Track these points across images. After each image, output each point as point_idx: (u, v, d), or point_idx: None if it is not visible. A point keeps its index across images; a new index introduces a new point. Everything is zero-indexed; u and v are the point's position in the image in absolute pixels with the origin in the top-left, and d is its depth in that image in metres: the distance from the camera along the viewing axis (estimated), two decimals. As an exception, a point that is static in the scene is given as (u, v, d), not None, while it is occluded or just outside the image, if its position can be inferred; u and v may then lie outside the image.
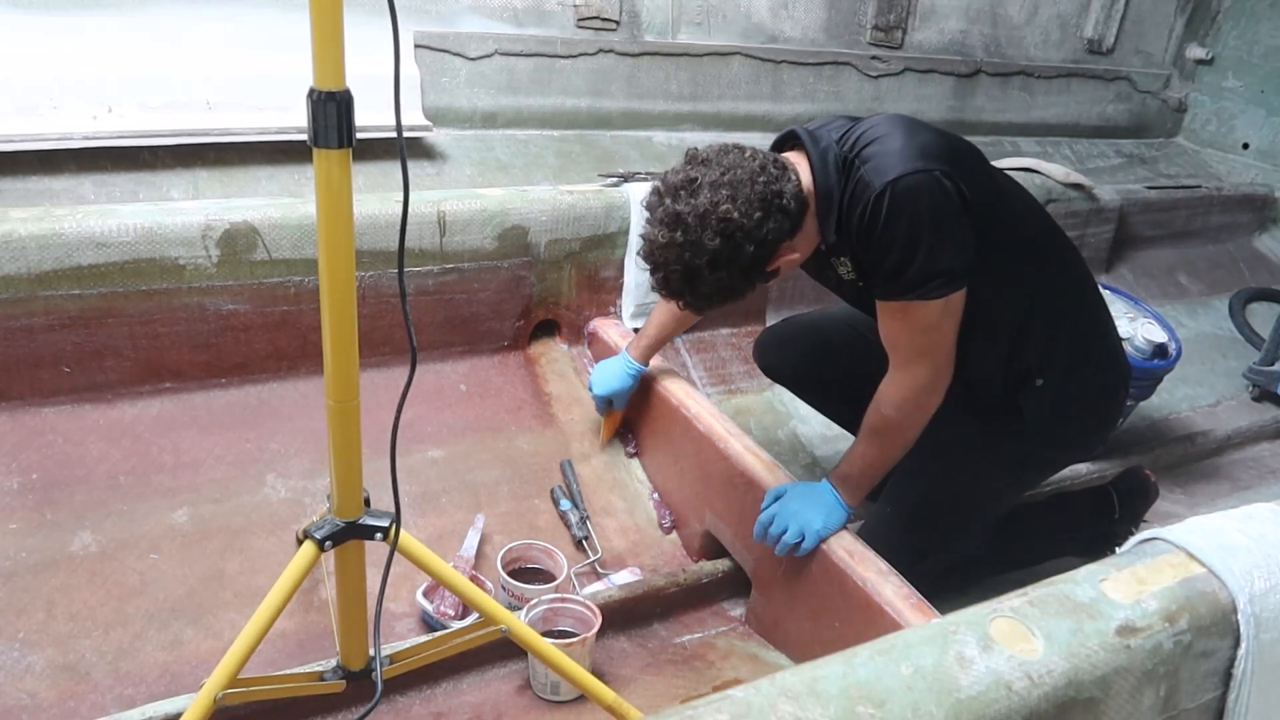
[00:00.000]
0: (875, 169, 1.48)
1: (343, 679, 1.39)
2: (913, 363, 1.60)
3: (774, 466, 1.85)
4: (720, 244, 1.43)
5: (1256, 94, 4.24)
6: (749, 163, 1.46)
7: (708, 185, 1.44)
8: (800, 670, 1.01)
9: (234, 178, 2.31)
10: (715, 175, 1.44)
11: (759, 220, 1.44)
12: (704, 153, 1.50)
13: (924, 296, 1.51)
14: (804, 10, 3.28)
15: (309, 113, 1.00)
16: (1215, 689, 1.20)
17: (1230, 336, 3.56)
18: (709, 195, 1.43)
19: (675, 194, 1.45)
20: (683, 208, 1.43)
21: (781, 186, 1.47)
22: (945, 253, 1.49)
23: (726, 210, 1.42)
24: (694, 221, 1.42)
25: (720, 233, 1.42)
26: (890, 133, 1.51)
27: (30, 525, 1.72)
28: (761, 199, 1.44)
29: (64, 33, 2.16)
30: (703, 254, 1.43)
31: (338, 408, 1.17)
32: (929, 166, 1.47)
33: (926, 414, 1.65)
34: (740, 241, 1.44)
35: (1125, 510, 2.21)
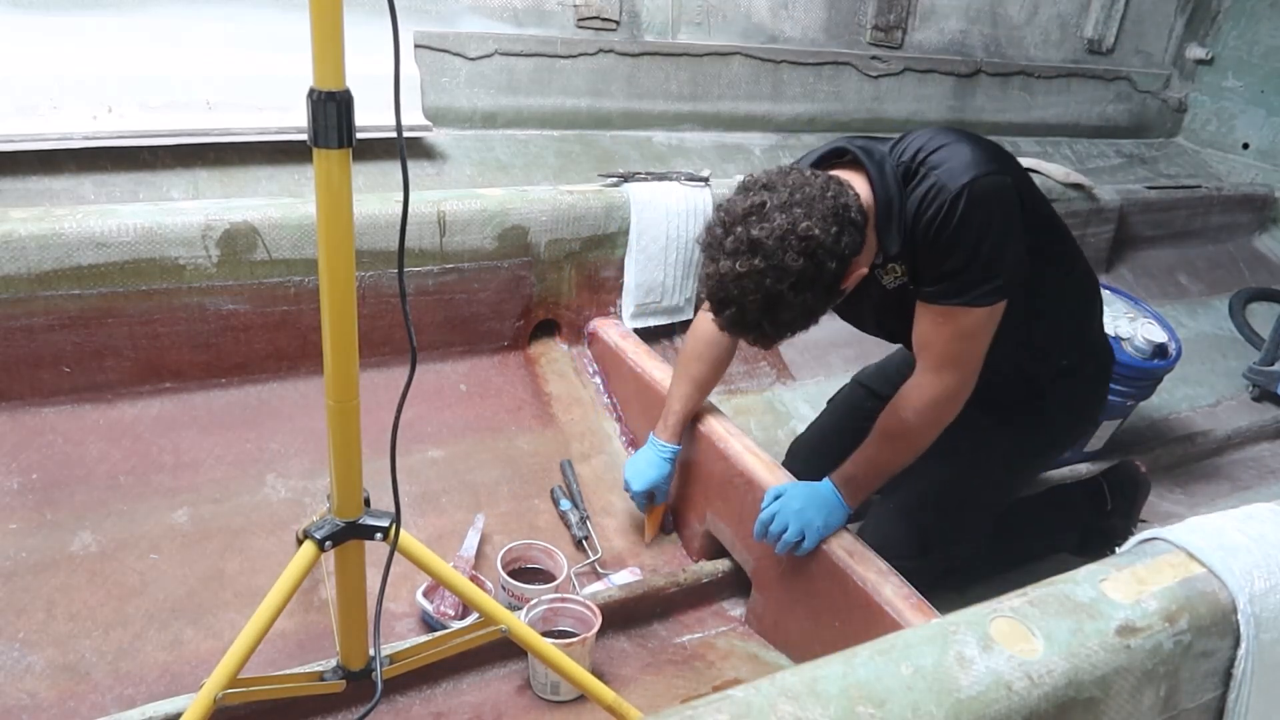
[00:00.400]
0: (949, 171, 1.48)
1: (343, 679, 1.39)
2: (943, 369, 1.60)
3: (774, 466, 1.85)
4: (804, 264, 1.38)
5: (1256, 94, 4.24)
6: (813, 181, 1.43)
7: (778, 207, 1.39)
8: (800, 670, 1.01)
9: (234, 178, 2.31)
10: (784, 196, 1.40)
11: (836, 235, 1.40)
12: (763, 178, 1.45)
13: (973, 303, 1.52)
14: (804, 10, 3.28)
15: (309, 113, 1.00)
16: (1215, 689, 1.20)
17: (1230, 336, 3.56)
18: (784, 216, 1.37)
19: (745, 220, 1.39)
20: (758, 232, 1.37)
21: (848, 199, 1.44)
22: (1005, 261, 1.50)
23: (807, 228, 1.37)
24: (774, 244, 1.36)
25: (803, 252, 1.37)
26: (954, 140, 1.52)
27: (30, 525, 1.72)
28: (835, 213, 1.41)
29: (64, 33, 2.16)
30: (787, 277, 1.38)
31: (338, 408, 1.17)
32: (1001, 171, 1.49)
33: (943, 423, 1.65)
34: (823, 259, 1.39)
35: (1117, 502, 2.24)
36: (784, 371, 2.68)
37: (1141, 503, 2.29)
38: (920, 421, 1.63)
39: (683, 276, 2.53)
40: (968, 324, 1.55)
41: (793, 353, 2.73)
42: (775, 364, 2.69)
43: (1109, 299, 2.60)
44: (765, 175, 1.46)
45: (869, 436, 1.70)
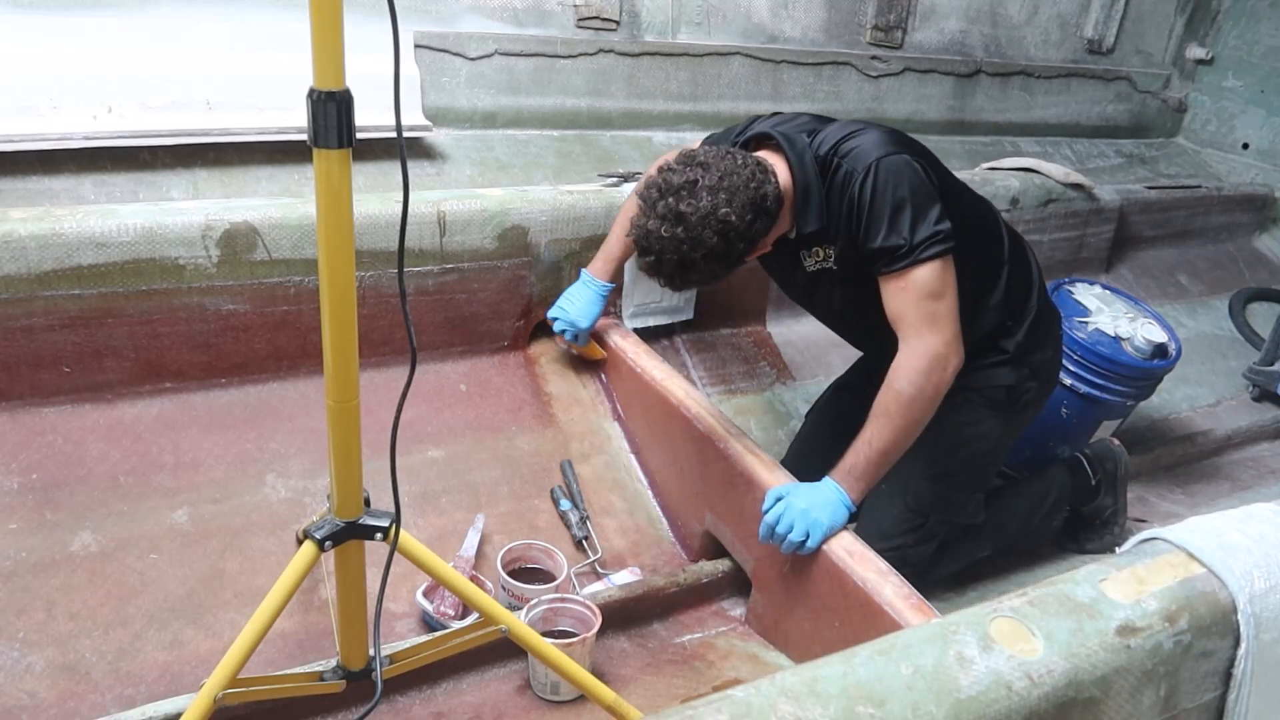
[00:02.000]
0: (856, 158, 1.69)
1: (343, 679, 1.38)
2: (922, 332, 1.67)
3: (774, 466, 1.85)
4: (717, 241, 1.60)
5: (1256, 94, 4.24)
6: (741, 169, 1.63)
7: (707, 189, 1.59)
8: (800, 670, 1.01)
9: (234, 178, 2.31)
10: (714, 179, 1.60)
11: (750, 222, 1.62)
12: (701, 155, 1.65)
13: (920, 260, 1.65)
14: (804, 10, 3.28)
15: (309, 113, 1.00)
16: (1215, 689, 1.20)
17: (1230, 336, 3.56)
18: (709, 199, 1.59)
19: (677, 193, 1.60)
20: (685, 207, 1.58)
21: (767, 190, 1.65)
22: (929, 218, 1.66)
23: (726, 213, 1.58)
24: (696, 220, 1.58)
25: (718, 232, 1.59)
26: (861, 130, 1.73)
27: (30, 525, 1.72)
28: (753, 202, 1.62)
29: (64, 33, 2.16)
30: (700, 248, 1.60)
31: (338, 408, 1.17)
32: (901, 151, 1.70)
33: (940, 389, 1.69)
34: (734, 240, 1.62)
35: (1098, 474, 2.30)
36: (784, 371, 2.69)
37: (1125, 475, 2.33)
38: (915, 389, 1.67)
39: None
40: (925, 282, 1.66)
41: (792, 352, 2.73)
42: (775, 364, 2.70)
43: (1109, 299, 2.60)
44: (704, 152, 1.66)
45: (866, 422, 1.72)
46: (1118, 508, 2.31)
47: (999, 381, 1.90)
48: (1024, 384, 1.93)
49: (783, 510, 1.69)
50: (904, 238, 1.64)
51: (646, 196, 1.64)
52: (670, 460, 2.12)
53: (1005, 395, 1.91)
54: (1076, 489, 2.29)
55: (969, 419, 1.91)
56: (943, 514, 1.95)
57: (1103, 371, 2.43)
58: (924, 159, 1.74)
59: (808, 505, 1.67)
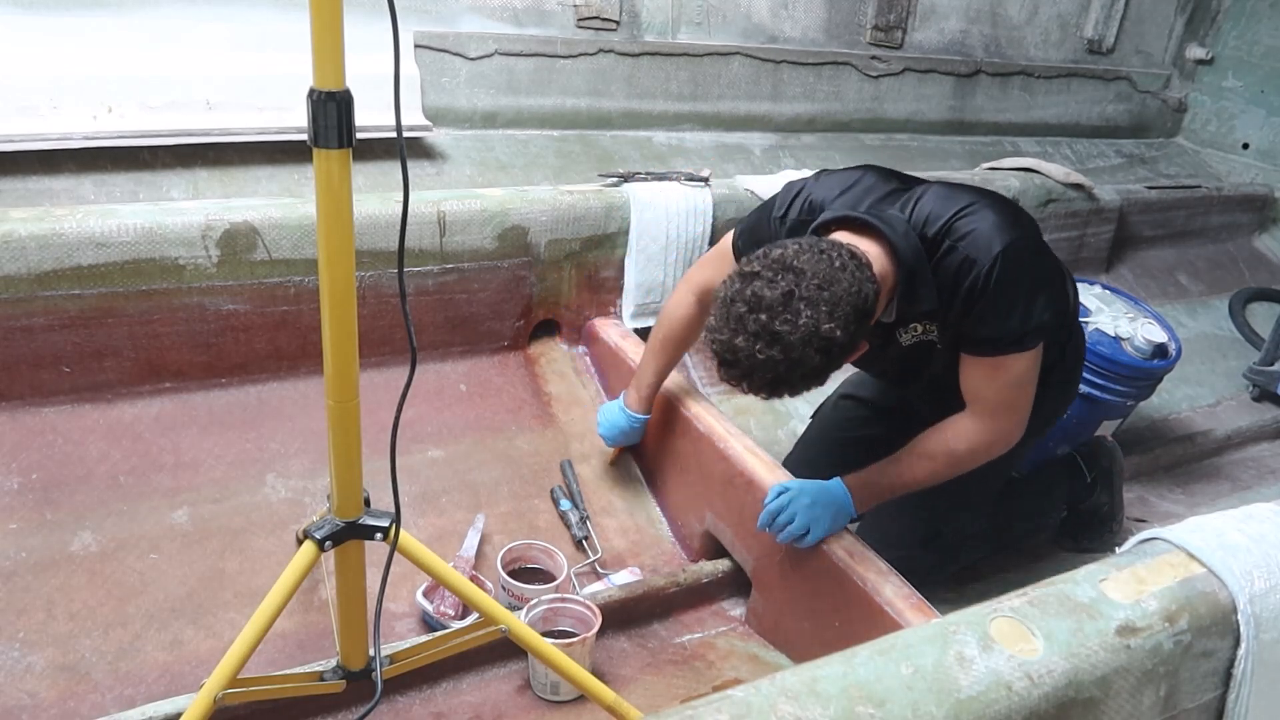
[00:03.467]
0: (975, 244, 1.55)
1: (343, 679, 1.38)
2: (998, 414, 1.67)
3: (774, 466, 1.85)
4: (819, 360, 1.42)
5: (1256, 94, 4.24)
6: (841, 272, 1.42)
7: (806, 301, 1.39)
8: (800, 670, 1.01)
9: (234, 178, 2.31)
10: (812, 289, 1.39)
11: (853, 334, 1.43)
12: (792, 258, 1.43)
13: (1020, 349, 1.61)
14: (804, 10, 3.28)
15: (309, 113, 1.00)
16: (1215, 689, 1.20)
17: (1230, 336, 3.56)
18: (810, 315, 1.38)
19: (771, 309, 1.39)
20: (782, 326, 1.38)
21: (868, 291, 1.45)
22: (1039, 307, 1.59)
23: (829, 329, 1.39)
24: (797, 341, 1.39)
25: (821, 349, 1.40)
26: (973, 206, 1.58)
27: (30, 525, 1.72)
28: (856, 310, 1.42)
29: (64, 33, 2.16)
30: (800, 368, 1.42)
31: (338, 408, 1.17)
32: (1019, 234, 1.58)
33: (988, 460, 1.71)
34: (835, 355, 1.44)
35: (1093, 471, 2.30)
36: (784, 371, 2.68)
37: (1119, 471, 2.33)
38: (970, 457, 1.68)
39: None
40: (1017, 371, 1.63)
41: (793, 353, 2.72)
42: (775, 364, 2.69)
43: (1109, 299, 2.60)
44: (796, 255, 1.43)
45: (903, 452, 1.71)
46: (1114, 504, 2.31)
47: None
48: (1054, 407, 1.94)
49: (786, 502, 1.69)
50: (1013, 329, 1.58)
51: (729, 311, 1.42)
52: (670, 460, 2.12)
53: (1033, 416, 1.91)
54: (1072, 487, 2.29)
55: None
56: (954, 525, 1.95)
57: (1103, 371, 2.42)
58: (1034, 231, 1.66)
59: (813, 501, 1.68)
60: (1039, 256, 1.63)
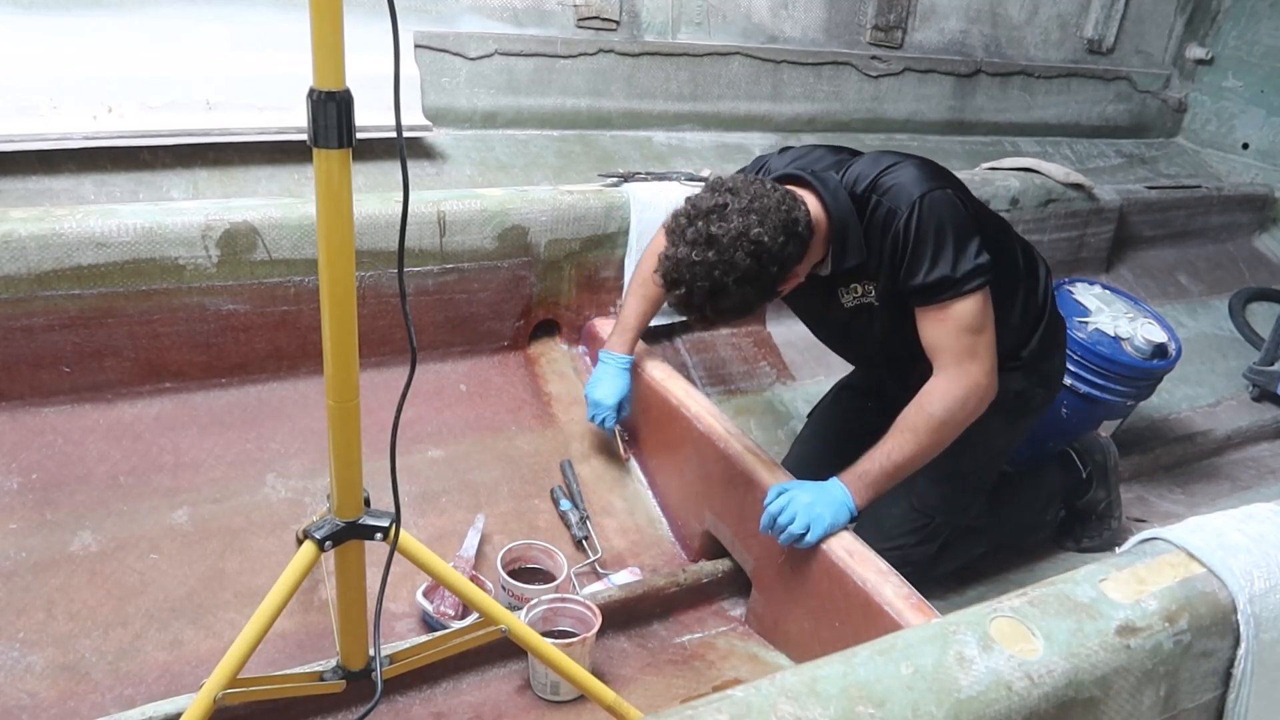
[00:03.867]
0: (896, 195, 1.67)
1: (343, 679, 1.39)
2: (963, 362, 1.69)
3: (774, 466, 1.85)
4: (750, 263, 1.54)
5: (1256, 94, 4.24)
6: (771, 193, 1.59)
7: (738, 211, 1.55)
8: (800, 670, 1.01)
9: (234, 178, 2.31)
10: (744, 202, 1.56)
11: (783, 244, 1.57)
12: (729, 181, 1.62)
13: (962, 293, 1.66)
14: (804, 10, 3.28)
15: (309, 113, 1.00)
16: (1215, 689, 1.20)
17: (1230, 336, 3.56)
18: (740, 220, 1.54)
19: (707, 216, 1.56)
20: (716, 229, 1.54)
21: (798, 214, 1.61)
22: (970, 251, 1.66)
23: (758, 234, 1.54)
24: (728, 242, 1.53)
25: (751, 254, 1.54)
26: (897, 164, 1.72)
27: (30, 525, 1.72)
28: (784, 225, 1.57)
29: (64, 33, 2.16)
30: (733, 271, 1.54)
31: (338, 408, 1.17)
32: (941, 185, 1.69)
33: (970, 418, 1.72)
34: (767, 263, 1.56)
35: (1088, 466, 2.32)
36: (784, 371, 2.68)
37: (1114, 466, 2.34)
38: (948, 415, 1.69)
39: None
40: (965, 315, 1.67)
41: (793, 353, 2.73)
42: (775, 364, 2.69)
43: (1109, 299, 2.60)
44: (732, 180, 1.63)
45: (888, 435, 1.73)
46: (1111, 500, 2.31)
47: (1009, 387, 1.89)
48: (1032, 390, 1.94)
49: (786, 502, 1.70)
50: (946, 272, 1.64)
51: (674, 226, 1.60)
52: (670, 460, 2.12)
53: (1014, 401, 1.91)
54: (1068, 483, 2.30)
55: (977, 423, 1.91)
56: (947, 516, 1.95)
57: (1103, 371, 2.43)
58: (959, 189, 1.74)
59: (812, 500, 1.68)
60: (959, 205, 1.69)
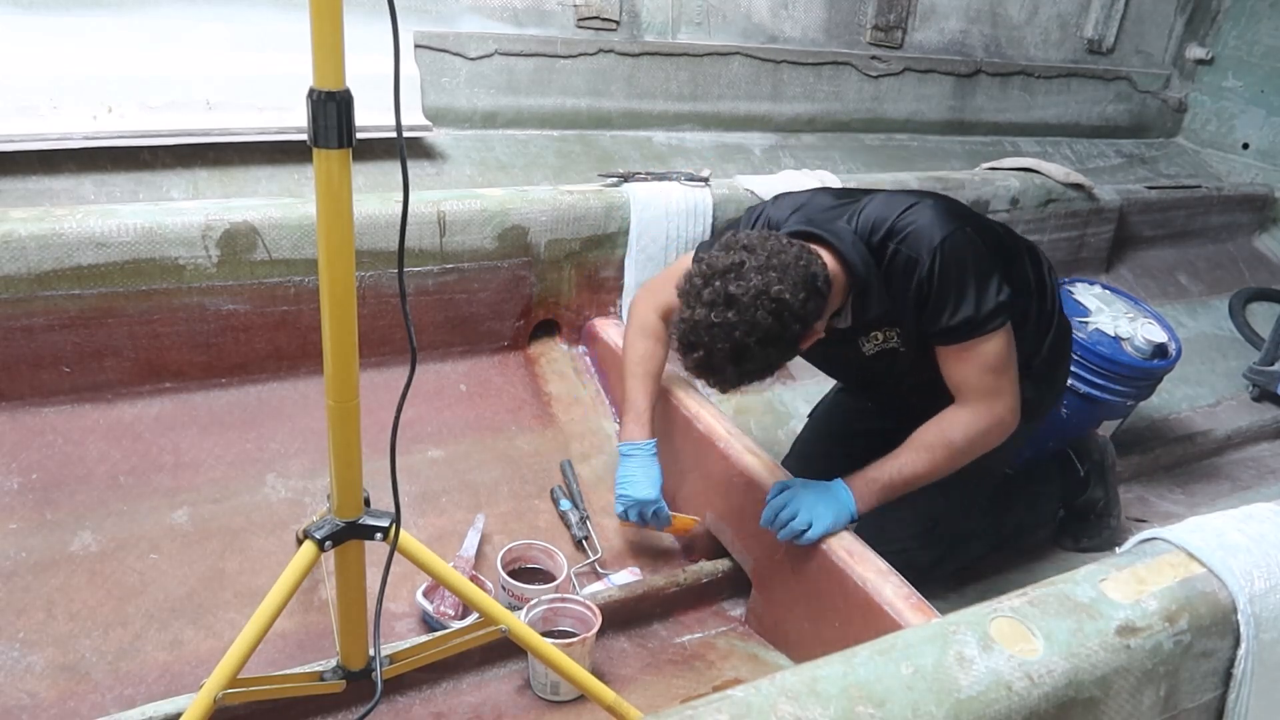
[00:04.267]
0: (915, 242, 1.64)
1: (343, 679, 1.39)
2: (988, 399, 1.70)
3: (774, 466, 1.85)
4: (772, 322, 1.49)
5: (1256, 94, 4.24)
6: (788, 249, 1.55)
7: (755, 269, 1.50)
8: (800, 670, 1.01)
9: (234, 178, 2.31)
10: (761, 259, 1.51)
11: (804, 300, 1.52)
12: (744, 239, 1.57)
13: (986, 332, 1.65)
14: (804, 10, 3.28)
15: (309, 113, 1.00)
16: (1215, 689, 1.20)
17: (1230, 336, 3.56)
18: (759, 278, 1.49)
19: (724, 275, 1.51)
20: (735, 289, 1.48)
21: (816, 269, 1.56)
22: (991, 290, 1.65)
23: (779, 291, 1.49)
24: (748, 301, 1.48)
25: (772, 312, 1.49)
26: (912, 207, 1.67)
27: (30, 525, 1.72)
28: (805, 281, 1.53)
29: (64, 33, 2.16)
30: (755, 331, 1.49)
31: (338, 408, 1.17)
32: (958, 225, 1.66)
33: (987, 449, 1.74)
34: (789, 321, 1.51)
35: (1085, 465, 2.31)
36: (784, 371, 2.68)
37: (1112, 465, 2.34)
38: (968, 444, 1.70)
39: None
40: (988, 354, 1.67)
41: (793, 353, 2.73)
42: (775, 364, 2.69)
43: (1109, 299, 2.60)
44: (747, 237, 1.57)
45: (902, 447, 1.72)
46: (1110, 498, 2.31)
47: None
48: (1040, 397, 1.94)
49: (789, 499, 1.70)
50: (970, 314, 1.63)
51: (689, 288, 1.54)
52: (670, 460, 2.11)
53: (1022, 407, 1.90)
54: (1066, 483, 2.30)
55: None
56: (949, 520, 1.95)
57: (1103, 371, 2.43)
58: (975, 223, 1.72)
59: (815, 498, 1.68)
60: (979, 243, 1.67)
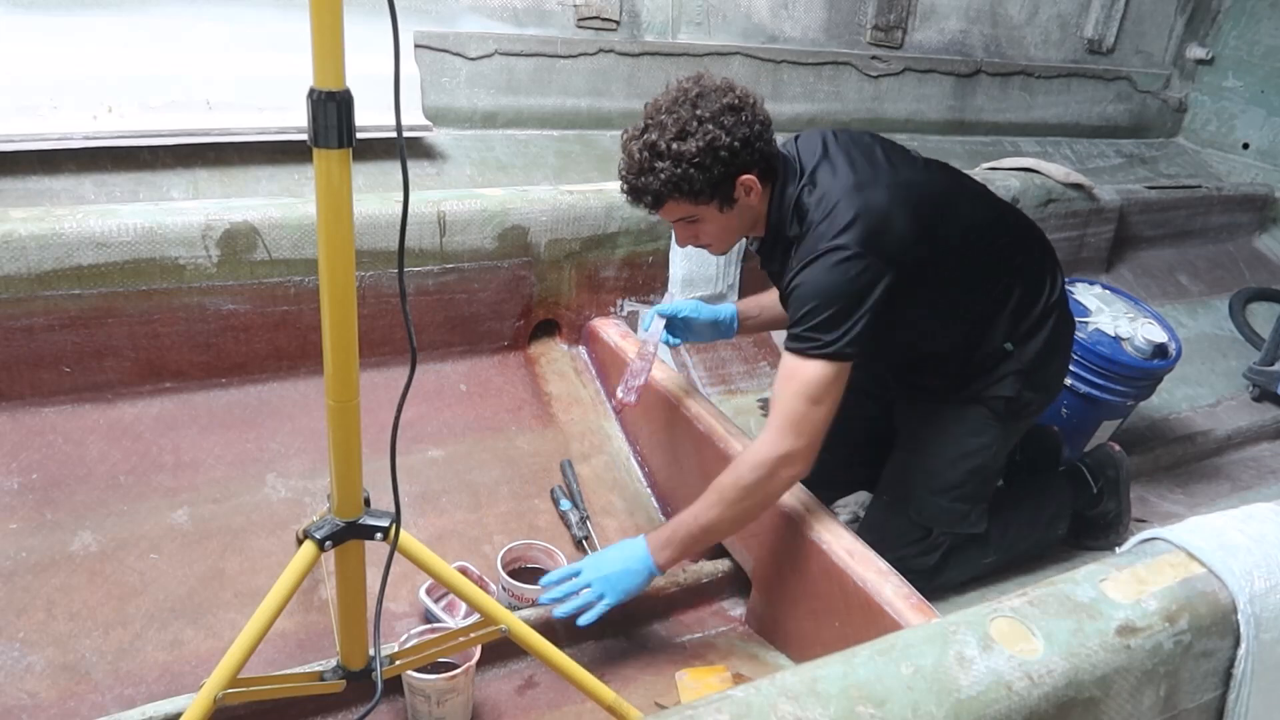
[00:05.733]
0: (810, 242, 1.64)
1: (343, 679, 1.39)
2: (786, 429, 1.62)
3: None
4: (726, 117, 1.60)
5: (1256, 94, 4.24)
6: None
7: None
8: (800, 670, 1.01)
9: (234, 178, 2.31)
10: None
11: (744, 140, 1.62)
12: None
13: (807, 353, 1.61)
14: (804, 10, 3.28)
15: (309, 113, 1.00)
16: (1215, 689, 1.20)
17: (1230, 336, 3.55)
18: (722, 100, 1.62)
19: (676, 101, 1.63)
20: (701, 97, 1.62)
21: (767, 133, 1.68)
22: (845, 328, 1.60)
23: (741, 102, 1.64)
24: (714, 95, 1.62)
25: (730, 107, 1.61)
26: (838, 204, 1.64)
27: (30, 525, 1.72)
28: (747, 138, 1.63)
29: (64, 33, 2.16)
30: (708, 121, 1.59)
31: (338, 408, 1.17)
32: (858, 252, 1.60)
33: (777, 492, 1.66)
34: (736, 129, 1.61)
35: (1101, 483, 2.28)
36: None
37: (1126, 479, 2.32)
38: (754, 482, 1.62)
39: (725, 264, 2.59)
40: (808, 380, 1.61)
41: (793, 353, 2.73)
42: (775, 364, 2.69)
43: (1109, 299, 2.60)
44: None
45: (704, 494, 1.68)
46: (1121, 509, 2.30)
47: (1001, 392, 1.89)
48: (1024, 394, 1.91)
49: (581, 567, 1.66)
50: (810, 330, 1.61)
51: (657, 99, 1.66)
52: (670, 460, 2.12)
53: (1005, 406, 1.91)
54: (1078, 498, 2.27)
55: (972, 429, 1.91)
56: (945, 526, 1.95)
57: (1103, 371, 2.42)
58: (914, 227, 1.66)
59: (609, 572, 1.64)
60: (861, 281, 1.60)
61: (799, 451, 1.61)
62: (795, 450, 1.61)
